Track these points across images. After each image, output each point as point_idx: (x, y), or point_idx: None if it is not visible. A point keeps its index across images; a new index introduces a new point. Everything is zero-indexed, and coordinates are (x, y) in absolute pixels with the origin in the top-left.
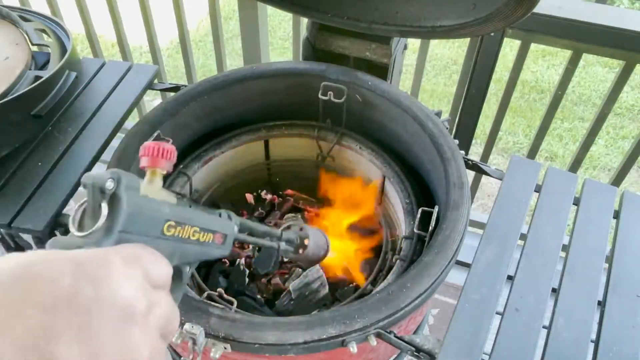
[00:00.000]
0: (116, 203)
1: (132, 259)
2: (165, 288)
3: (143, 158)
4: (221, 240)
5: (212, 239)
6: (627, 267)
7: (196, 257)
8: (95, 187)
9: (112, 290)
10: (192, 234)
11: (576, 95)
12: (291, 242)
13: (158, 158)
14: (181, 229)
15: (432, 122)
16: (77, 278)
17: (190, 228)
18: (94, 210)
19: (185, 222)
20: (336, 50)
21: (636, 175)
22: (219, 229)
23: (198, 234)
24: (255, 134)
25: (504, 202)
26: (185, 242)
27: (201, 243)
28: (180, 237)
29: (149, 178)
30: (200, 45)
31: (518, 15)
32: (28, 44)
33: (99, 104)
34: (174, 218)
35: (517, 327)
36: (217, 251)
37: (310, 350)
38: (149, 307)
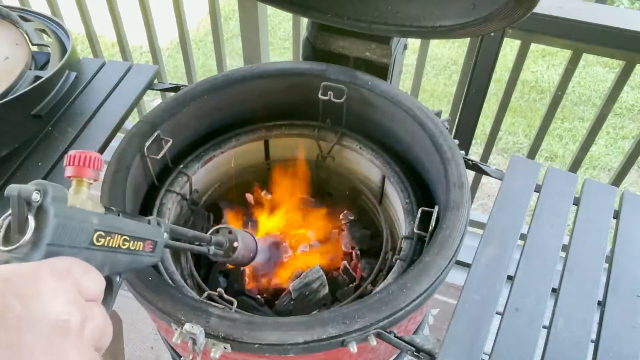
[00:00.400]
0: (43, 215)
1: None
2: (98, 300)
3: (68, 168)
4: (151, 248)
5: (142, 247)
6: (627, 267)
7: (127, 266)
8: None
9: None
10: (122, 242)
11: (576, 95)
12: (220, 245)
13: (84, 167)
14: (110, 239)
15: (432, 122)
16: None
17: (120, 237)
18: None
19: (114, 232)
20: (336, 50)
21: (636, 175)
22: (148, 236)
23: (128, 242)
24: (255, 134)
25: (504, 202)
26: (116, 251)
27: (131, 252)
28: (110, 246)
29: (75, 188)
30: (200, 45)
31: (518, 15)
32: (28, 44)
33: (99, 104)
34: (102, 228)
35: (517, 327)
36: (147, 259)
37: (310, 350)
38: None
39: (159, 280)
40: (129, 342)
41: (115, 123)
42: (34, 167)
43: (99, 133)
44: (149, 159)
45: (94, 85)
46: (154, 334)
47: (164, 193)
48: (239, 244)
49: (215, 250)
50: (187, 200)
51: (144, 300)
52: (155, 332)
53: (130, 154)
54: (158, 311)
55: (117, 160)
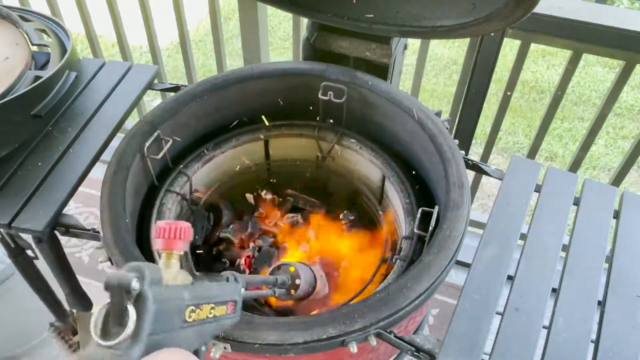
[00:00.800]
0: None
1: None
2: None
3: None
4: (233, 309)
5: (226, 310)
6: (627, 267)
7: (213, 334)
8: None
9: None
10: (209, 312)
11: (576, 95)
12: (284, 284)
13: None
14: (200, 311)
15: (432, 122)
16: None
17: (207, 306)
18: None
19: (202, 302)
20: (336, 50)
21: (636, 175)
22: (230, 297)
23: (214, 310)
24: (255, 134)
25: (504, 202)
26: (204, 322)
27: (217, 318)
28: (200, 319)
29: (165, 262)
30: (200, 45)
31: (518, 15)
32: (28, 44)
33: (99, 104)
34: (193, 302)
35: (517, 327)
36: (229, 321)
37: (310, 350)
38: None
39: None
40: None
41: (115, 123)
42: (34, 167)
43: (99, 133)
44: (149, 159)
45: (94, 85)
46: None
47: (164, 193)
48: (302, 281)
49: (281, 292)
50: (187, 200)
51: None
52: None
53: (130, 154)
54: None
55: (117, 160)
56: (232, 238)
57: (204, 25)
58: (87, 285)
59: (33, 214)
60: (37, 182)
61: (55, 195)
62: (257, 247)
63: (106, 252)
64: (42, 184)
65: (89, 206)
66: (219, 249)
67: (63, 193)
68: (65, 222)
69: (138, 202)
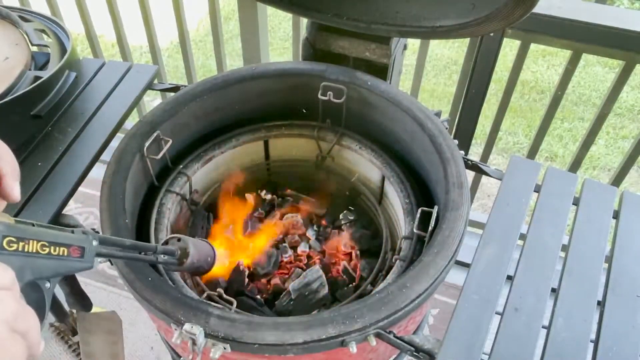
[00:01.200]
0: None
1: None
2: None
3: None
4: (78, 253)
5: (67, 252)
6: (627, 267)
7: (53, 271)
8: None
9: None
10: (40, 248)
11: (576, 95)
12: (172, 253)
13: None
14: (25, 244)
15: (431, 122)
16: None
17: (36, 242)
18: None
19: (28, 237)
20: (336, 50)
21: (636, 175)
22: (71, 242)
23: (47, 247)
24: (255, 134)
25: (503, 202)
26: (34, 256)
27: (55, 257)
28: (26, 251)
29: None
30: (200, 45)
31: (517, 15)
32: (28, 44)
33: (99, 104)
34: (12, 234)
35: (517, 327)
36: (77, 264)
37: (310, 350)
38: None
39: (159, 281)
40: (129, 342)
41: (115, 123)
42: (34, 167)
43: (99, 133)
44: (148, 159)
45: (94, 86)
46: (154, 334)
47: (163, 193)
48: (191, 250)
49: (166, 259)
50: (187, 200)
51: (144, 301)
52: (155, 332)
53: (130, 154)
54: (158, 311)
55: (116, 160)
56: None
57: (204, 25)
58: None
59: (33, 213)
60: (37, 182)
61: (55, 195)
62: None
63: None
64: (42, 184)
65: (89, 206)
66: None
67: (63, 193)
68: (65, 222)
69: (138, 202)
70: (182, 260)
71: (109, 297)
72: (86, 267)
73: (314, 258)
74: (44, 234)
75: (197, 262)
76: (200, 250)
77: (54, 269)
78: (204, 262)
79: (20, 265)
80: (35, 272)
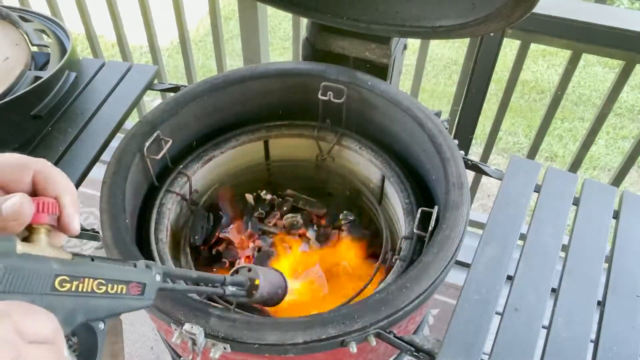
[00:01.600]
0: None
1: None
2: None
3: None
4: (139, 291)
5: (126, 290)
6: (627, 267)
7: (109, 311)
8: None
9: None
10: (97, 286)
11: (576, 95)
12: (241, 284)
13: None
14: (79, 283)
15: (431, 122)
16: None
17: (93, 281)
18: None
19: (83, 275)
20: (336, 50)
21: (636, 175)
22: (132, 278)
23: (104, 286)
24: (255, 134)
25: (503, 202)
26: (89, 296)
27: (112, 296)
28: (80, 291)
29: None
30: (200, 45)
31: (517, 15)
32: (28, 44)
33: (99, 104)
34: (66, 272)
35: (517, 327)
36: (137, 303)
37: (310, 350)
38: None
39: None
40: (129, 342)
41: (115, 123)
42: None
43: (99, 133)
44: (148, 159)
45: (94, 86)
46: (154, 334)
47: (163, 193)
48: (261, 282)
49: (234, 291)
50: (187, 201)
51: None
52: (155, 332)
53: (130, 154)
54: (158, 311)
55: (116, 160)
56: (232, 238)
57: (204, 25)
58: None
59: None
60: None
61: None
62: (256, 247)
63: (106, 252)
64: None
65: (89, 206)
66: (218, 249)
67: None
68: None
69: (138, 203)
70: (251, 292)
71: None
72: (146, 305)
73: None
74: (102, 270)
75: (267, 294)
76: (271, 281)
77: (111, 309)
78: (274, 294)
79: (72, 308)
80: (89, 313)
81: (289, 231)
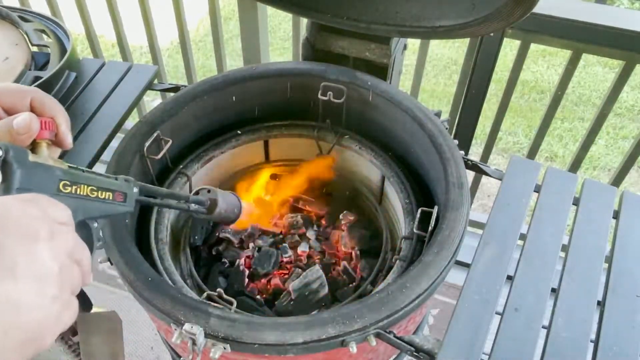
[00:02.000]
0: (8, 167)
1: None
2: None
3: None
4: (122, 198)
5: (112, 197)
6: (627, 267)
7: (101, 212)
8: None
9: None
10: (90, 192)
11: (576, 95)
12: (201, 203)
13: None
14: (77, 187)
15: (431, 122)
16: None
17: (87, 187)
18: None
19: (80, 182)
20: (336, 50)
21: (636, 175)
22: (116, 188)
23: (96, 192)
24: (255, 134)
25: (503, 202)
26: (85, 199)
27: (102, 200)
28: (79, 194)
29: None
30: (200, 45)
31: (517, 15)
32: (28, 44)
33: (99, 104)
34: (67, 178)
35: (517, 327)
36: (121, 208)
37: (310, 350)
38: (52, 233)
39: (159, 281)
40: (129, 342)
41: (115, 123)
42: None
43: (99, 133)
44: (148, 160)
45: (94, 86)
46: (154, 334)
47: None
48: (219, 200)
49: (196, 208)
50: None
51: (144, 301)
52: (155, 332)
53: (130, 154)
54: (158, 311)
55: (116, 160)
56: (232, 238)
57: (204, 25)
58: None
59: None
60: None
61: None
62: (257, 247)
63: (106, 252)
64: None
65: None
66: (218, 249)
67: None
68: None
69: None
70: (211, 210)
71: (109, 297)
72: (128, 210)
73: (314, 258)
74: (93, 179)
75: (224, 212)
76: (228, 201)
77: (102, 211)
78: (231, 212)
79: (74, 206)
80: (86, 212)
81: (289, 231)
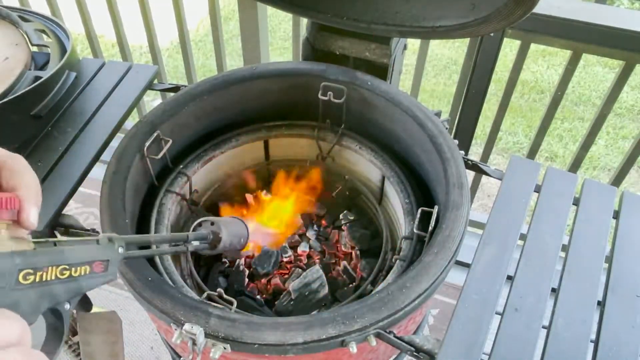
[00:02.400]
0: None
1: None
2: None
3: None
4: (102, 268)
5: (90, 269)
6: (627, 267)
7: (74, 293)
8: None
9: None
10: (60, 272)
11: (576, 95)
12: (204, 238)
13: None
14: (43, 273)
15: (431, 122)
16: None
17: (56, 268)
18: None
19: (46, 265)
20: (336, 50)
21: (636, 175)
22: (95, 257)
23: (68, 270)
24: (255, 134)
25: (503, 202)
26: (53, 283)
27: (76, 279)
28: (45, 280)
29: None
30: (200, 45)
31: (517, 15)
32: (28, 44)
33: (99, 104)
34: (29, 266)
35: (517, 327)
36: (99, 280)
37: (310, 350)
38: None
39: (159, 281)
40: (129, 342)
41: (115, 123)
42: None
43: (99, 133)
44: (148, 159)
45: (94, 86)
46: (154, 334)
47: (163, 193)
48: (223, 234)
49: (196, 246)
50: (187, 201)
51: (144, 301)
52: (155, 332)
53: (130, 154)
54: (158, 311)
55: (116, 160)
56: None
57: (204, 25)
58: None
59: None
60: None
61: (55, 196)
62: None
63: None
64: (42, 184)
65: (89, 206)
66: None
67: (63, 193)
68: (65, 223)
69: (138, 202)
70: (214, 245)
71: (109, 297)
72: (109, 280)
73: (314, 258)
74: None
75: (229, 245)
76: (233, 231)
77: (75, 290)
78: (237, 243)
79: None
80: (54, 299)
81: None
